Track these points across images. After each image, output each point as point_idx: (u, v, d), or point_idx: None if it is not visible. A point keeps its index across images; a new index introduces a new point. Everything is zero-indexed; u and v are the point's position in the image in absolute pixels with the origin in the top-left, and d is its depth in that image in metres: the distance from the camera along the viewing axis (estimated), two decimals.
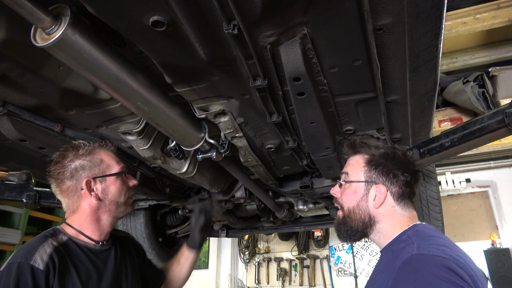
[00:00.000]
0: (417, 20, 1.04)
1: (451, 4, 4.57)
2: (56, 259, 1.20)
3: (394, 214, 1.20)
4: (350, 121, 1.68)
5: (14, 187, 2.16)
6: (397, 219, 1.19)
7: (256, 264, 7.19)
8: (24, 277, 1.12)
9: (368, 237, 1.24)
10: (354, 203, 1.23)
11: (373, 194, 1.21)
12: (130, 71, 1.21)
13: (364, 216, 1.21)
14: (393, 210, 1.20)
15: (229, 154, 1.82)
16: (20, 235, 4.36)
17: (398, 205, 1.20)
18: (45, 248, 1.21)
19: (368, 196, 1.22)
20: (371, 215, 1.21)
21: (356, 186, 1.25)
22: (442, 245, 1.04)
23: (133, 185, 1.48)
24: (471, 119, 1.51)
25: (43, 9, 0.92)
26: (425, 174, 2.40)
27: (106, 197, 1.38)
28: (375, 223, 1.21)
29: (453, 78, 5.08)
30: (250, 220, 3.59)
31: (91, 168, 1.36)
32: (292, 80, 1.25)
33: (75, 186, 1.34)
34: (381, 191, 1.20)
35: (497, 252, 5.50)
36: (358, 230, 1.22)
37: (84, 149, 1.38)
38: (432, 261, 0.98)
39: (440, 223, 2.43)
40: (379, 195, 1.20)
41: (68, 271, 1.23)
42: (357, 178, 1.25)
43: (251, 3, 0.93)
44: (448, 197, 6.43)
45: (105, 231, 1.40)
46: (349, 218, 1.24)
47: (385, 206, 1.20)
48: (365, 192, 1.23)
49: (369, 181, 1.23)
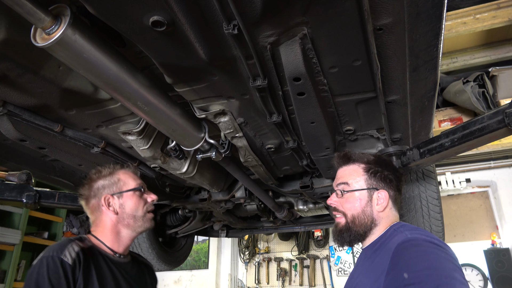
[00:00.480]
0: (417, 20, 1.04)
1: (451, 4, 4.57)
2: (82, 258, 1.36)
3: (390, 215, 1.33)
4: (350, 121, 1.68)
5: (14, 187, 2.16)
6: (391, 219, 1.33)
7: (256, 264, 7.18)
8: (56, 268, 1.29)
9: (364, 241, 1.34)
10: (359, 209, 1.32)
11: (376, 199, 1.32)
12: (130, 71, 1.21)
13: (368, 220, 1.31)
14: (390, 212, 1.33)
15: (229, 154, 1.81)
16: (20, 235, 4.36)
17: (393, 207, 1.34)
18: (73, 247, 1.37)
19: (372, 201, 1.32)
20: (373, 219, 1.31)
21: (360, 193, 1.34)
22: (429, 234, 1.18)
23: (152, 200, 1.62)
24: (471, 119, 1.51)
25: (43, 9, 0.92)
26: (425, 174, 2.40)
27: (123, 211, 1.53)
28: (375, 226, 1.31)
29: (453, 78, 5.08)
30: (250, 220, 3.59)
31: (109, 186, 1.55)
32: (292, 80, 1.25)
33: (97, 203, 1.53)
34: (383, 196, 1.32)
35: (497, 252, 5.50)
36: (360, 234, 1.31)
37: (106, 170, 1.58)
38: (426, 242, 1.11)
39: (440, 223, 2.43)
40: (382, 199, 1.31)
41: (90, 271, 1.38)
42: (359, 186, 1.34)
43: (251, 3, 0.93)
44: (448, 197, 6.42)
45: (124, 243, 1.56)
46: (353, 224, 1.32)
47: (386, 211, 1.32)
48: (369, 198, 1.33)
49: (371, 188, 1.33)
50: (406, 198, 2.40)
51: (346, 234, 1.33)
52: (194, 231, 3.54)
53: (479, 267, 5.60)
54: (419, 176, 2.39)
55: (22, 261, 4.65)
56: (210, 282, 7.25)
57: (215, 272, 7.33)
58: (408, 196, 2.40)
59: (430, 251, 1.07)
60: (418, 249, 1.09)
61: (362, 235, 1.32)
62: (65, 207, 2.53)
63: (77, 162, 1.94)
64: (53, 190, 2.32)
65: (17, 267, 4.41)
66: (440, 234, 2.46)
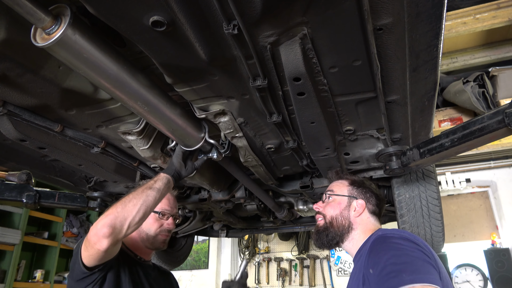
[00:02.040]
0: (417, 20, 1.04)
1: (451, 4, 4.57)
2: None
3: (367, 223, 1.52)
4: (350, 121, 1.68)
5: (14, 187, 2.16)
6: (369, 227, 1.50)
7: (256, 264, 7.18)
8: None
9: (342, 243, 1.52)
10: (337, 212, 1.54)
11: (354, 206, 1.54)
12: (130, 71, 1.21)
13: (345, 223, 1.51)
14: (368, 220, 1.53)
15: (229, 154, 1.81)
16: (20, 235, 4.36)
17: (371, 217, 1.54)
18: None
19: (350, 207, 1.54)
20: (350, 222, 1.51)
21: (340, 199, 1.57)
22: (402, 231, 1.37)
23: (168, 227, 1.78)
24: (471, 119, 1.51)
25: (43, 9, 0.92)
26: (425, 174, 2.40)
27: (142, 227, 1.68)
28: (352, 230, 1.50)
29: (453, 78, 5.07)
30: (250, 220, 3.59)
31: None
32: (292, 80, 1.25)
33: None
34: (360, 204, 1.54)
35: (497, 252, 5.49)
36: (337, 235, 1.51)
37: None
38: (394, 236, 1.30)
39: (440, 223, 2.43)
40: (359, 207, 1.53)
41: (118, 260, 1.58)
42: (342, 193, 1.59)
43: (251, 3, 0.93)
44: (448, 197, 6.42)
45: (143, 252, 1.77)
46: (330, 225, 1.53)
47: (361, 217, 1.52)
48: (348, 204, 1.55)
49: (351, 196, 1.56)
50: (406, 198, 2.40)
51: (323, 234, 1.53)
52: (194, 231, 3.54)
53: (479, 267, 5.60)
54: (419, 176, 2.38)
55: (22, 261, 4.65)
56: (210, 282, 7.24)
57: (215, 272, 7.33)
58: (408, 196, 2.40)
59: (393, 246, 1.23)
60: (384, 245, 1.27)
61: (339, 237, 1.50)
62: (65, 207, 2.53)
63: (77, 162, 1.94)
64: (53, 190, 2.32)
65: (17, 267, 4.41)
66: (440, 234, 2.46)
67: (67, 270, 5.40)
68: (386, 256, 1.19)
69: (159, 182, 1.54)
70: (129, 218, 1.37)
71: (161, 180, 1.55)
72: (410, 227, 2.45)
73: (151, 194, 1.46)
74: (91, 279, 1.45)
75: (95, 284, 1.46)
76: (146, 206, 1.43)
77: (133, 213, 1.38)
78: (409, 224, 2.44)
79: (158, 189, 1.51)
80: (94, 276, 1.45)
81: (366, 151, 1.99)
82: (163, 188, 1.53)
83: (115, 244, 1.38)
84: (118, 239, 1.36)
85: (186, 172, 1.71)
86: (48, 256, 5.00)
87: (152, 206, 1.47)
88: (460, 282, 5.57)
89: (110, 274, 1.51)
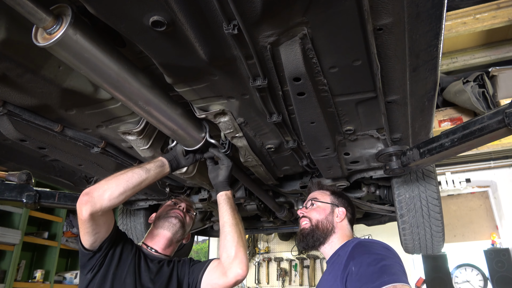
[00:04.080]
0: (417, 20, 1.04)
1: (451, 4, 4.57)
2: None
3: (346, 229, 1.68)
4: (350, 121, 1.68)
5: (14, 187, 2.16)
6: (346, 233, 1.67)
7: (256, 264, 7.18)
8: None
9: (323, 245, 1.65)
10: (323, 216, 1.68)
11: (337, 213, 1.70)
12: (131, 70, 1.21)
13: (329, 226, 1.66)
14: (346, 227, 1.70)
15: (229, 154, 1.82)
16: (20, 235, 4.35)
17: (349, 225, 1.71)
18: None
19: (333, 213, 1.70)
20: (333, 226, 1.66)
21: (324, 206, 1.72)
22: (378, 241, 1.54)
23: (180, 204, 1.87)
24: (471, 119, 1.51)
25: (44, 9, 0.92)
26: (425, 174, 2.40)
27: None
28: (333, 233, 1.65)
29: (453, 78, 5.07)
30: (250, 220, 3.59)
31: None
32: (292, 80, 1.25)
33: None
34: (342, 211, 1.70)
35: (497, 252, 5.49)
36: (321, 237, 1.64)
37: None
38: (375, 244, 1.48)
39: (440, 223, 2.43)
40: (340, 213, 1.69)
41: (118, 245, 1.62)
42: (325, 201, 1.74)
43: (251, 3, 0.93)
44: (448, 197, 6.41)
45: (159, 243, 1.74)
46: (316, 227, 1.66)
47: (342, 222, 1.68)
48: (331, 210, 1.71)
49: (334, 204, 1.73)
50: (406, 198, 2.41)
51: (309, 236, 1.65)
52: (194, 231, 3.54)
53: (479, 267, 5.60)
54: (419, 176, 2.39)
55: (22, 261, 4.65)
56: None
57: None
58: (408, 196, 2.40)
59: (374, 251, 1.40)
60: (365, 249, 1.43)
61: (323, 238, 1.64)
62: (65, 207, 2.53)
63: (77, 162, 1.94)
64: (53, 190, 2.32)
65: (17, 267, 4.40)
66: (440, 234, 2.46)
67: (67, 270, 5.40)
68: (369, 259, 1.36)
69: (151, 163, 1.61)
70: (108, 191, 1.42)
71: (155, 162, 1.62)
72: (410, 227, 2.45)
73: (138, 172, 1.52)
74: (91, 264, 1.51)
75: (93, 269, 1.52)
76: (128, 182, 1.47)
77: (113, 186, 1.44)
78: (409, 224, 2.44)
79: (147, 169, 1.55)
80: (92, 261, 1.51)
81: (366, 151, 2.00)
82: (153, 168, 1.58)
83: (95, 214, 1.40)
84: (96, 209, 1.39)
85: (186, 161, 1.73)
86: (48, 256, 4.99)
87: (136, 184, 1.50)
88: (460, 282, 5.57)
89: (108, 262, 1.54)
